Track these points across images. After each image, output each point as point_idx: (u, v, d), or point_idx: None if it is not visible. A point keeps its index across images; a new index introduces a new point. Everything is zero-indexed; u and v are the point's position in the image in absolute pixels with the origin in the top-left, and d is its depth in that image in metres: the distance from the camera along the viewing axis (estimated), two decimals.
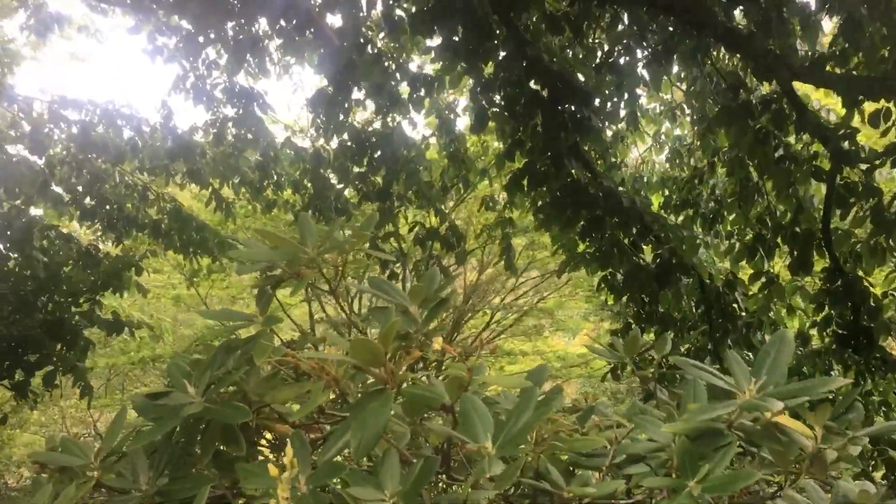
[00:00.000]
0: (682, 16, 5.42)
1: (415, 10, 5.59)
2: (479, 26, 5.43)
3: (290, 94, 29.77)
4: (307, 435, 1.64)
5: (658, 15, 5.68)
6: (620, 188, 6.49)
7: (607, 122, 6.46)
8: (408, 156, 7.12)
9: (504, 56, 5.70)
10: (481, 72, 5.86)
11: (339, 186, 7.85)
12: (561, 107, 5.77)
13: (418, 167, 7.21)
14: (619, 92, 6.16)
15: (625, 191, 6.47)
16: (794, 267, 5.89)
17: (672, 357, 1.79)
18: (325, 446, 1.35)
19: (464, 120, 8.59)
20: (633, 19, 5.80)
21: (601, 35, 6.31)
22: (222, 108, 7.95)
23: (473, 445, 1.33)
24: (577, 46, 6.30)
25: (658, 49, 5.77)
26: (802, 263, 5.82)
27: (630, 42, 5.93)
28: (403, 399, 1.48)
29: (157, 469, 1.44)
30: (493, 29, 5.60)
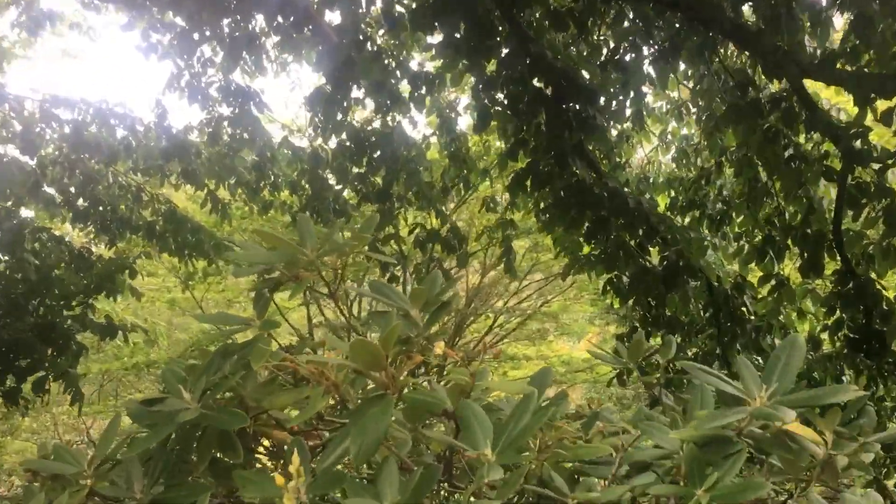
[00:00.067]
0: (689, 12, 5.42)
1: (415, 6, 5.59)
2: (480, 22, 5.42)
3: (288, 93, 29.75)
4: (306, 442, 1.64)
5: (664, 11, 5.68)
6: (625, 189, 6.48)
7: (612, 122, 6.45)
8: (408, 156, 7.12)
9: (507, 53, 5.68)
10: (483, 69, 5.86)
11: (338, 187, 7.84)
12: (565, 105, 5.76)
13: (419, 167, 7.21)
14: (625, 90, 6.15)
15: (630, 192, 6.46)
16: (805, 269, 5.88)
17: (679, 362, 1.78)
18: (324, 453, 1.35)
19: (465, 119, 8.60)
20: (638, 15, 5.79)
21: (606, 32, 6.31)
22: (218, 107, 7.96)
23: (473, 452, 1.33)
24: (582, 43, 6.30)
25: (664, 46, 5.77)
26: (813, 265, 5.81)
27: (636, 39, 5.92)
28: (405, 405, 1.47)
29: (151, 477, 1.44)
30: (496, 25, 5.60)
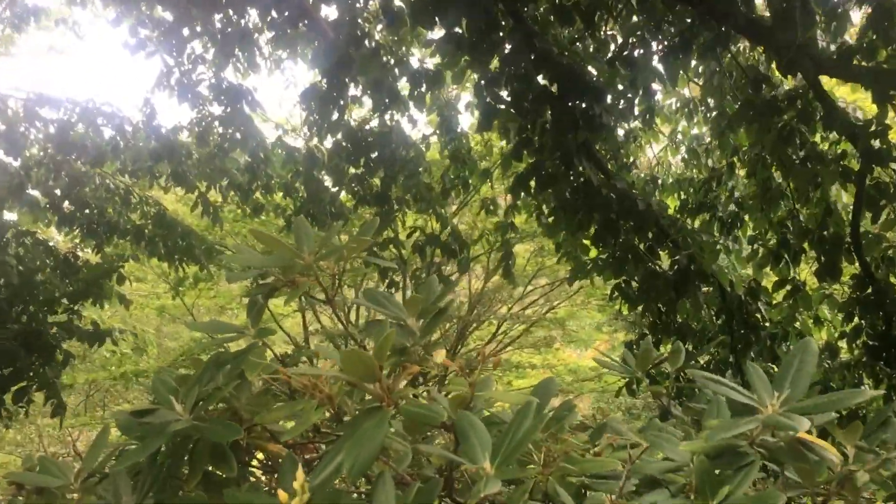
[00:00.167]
0: (702, 6, 5.41)
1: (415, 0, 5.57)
2: (483, 17, 5.41)
3: (282, 91, 29.75)
4: (301, 455, 1.64)
5: (675, 4, 5.67)
6: (633, 191, 6.48)
7: (620, 121, 6.44)
8: (406, 156, 7.11)
9: (511, 49, 5.67)
10: (487, 65, 5.84)
11: (334, 189, 7.83)
12: (571, 103, 5.75)
13: (418, 168, 7.20)
14: (633, 87, 6.15)
15: (638, 193, 6.45)
16: (822, 273, 5.86)
17: (688, 370, 1.78)
18: (317, 469, 1.34)
19: (466, 117, 8.59)
20: (647, 9, 5.78)
21: (614, 26, 6.30)
22: (209, 105, 7.95)
23: (471, 466, 1.33)
24: (589, 39, 6.29)
25: (675, 41, 5.76)
26: (830, 270, 5.80)
27: (645, 34, 5.91)
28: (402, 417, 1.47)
29: (141, 491, 1.44)
30: (499, 20, 5.59)
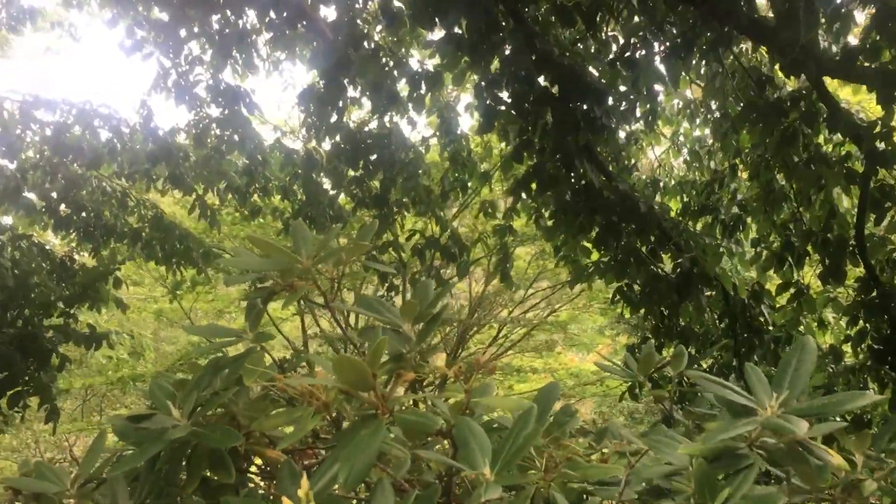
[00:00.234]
0: (704, 5, 5.41)
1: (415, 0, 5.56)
2: (483, 16, 5.41)
3: (280, 93, 29.78)
4: (301, 461, 1.64)
5: (677, 5, 5.67)
6: (635, 193, 6.48)
7: (621, 123, 6.44)
8: (406, 159, 7.10)
9: (511, 50, 5.67)
10: (487, 67, 5.84)
11: (333, 192, 7.83)
12: (573, 104, 5.76)
13: (417, 171, 7.19)
14: (635, 89, 6.15)
15: (639, 196, 6.45)
16: (826, 276, 5.86)
17: (687, 372, 1.78)
18: (313, 478, 1.34)
19: (466, 119, 8.59)
20: (649, 10, 5.78)
21: (616, 27, 6.30)
22: (206, 107, 7.95)
23: (471, 472, 1.33)
24: (590, 39, 6.29)
25: (677, 42, 5.76)
26: (835, 273, 5.79)
27: (647, 34, 5.91)
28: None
29: (138, 497, 1.44)
30: (500, 21, 5.59)
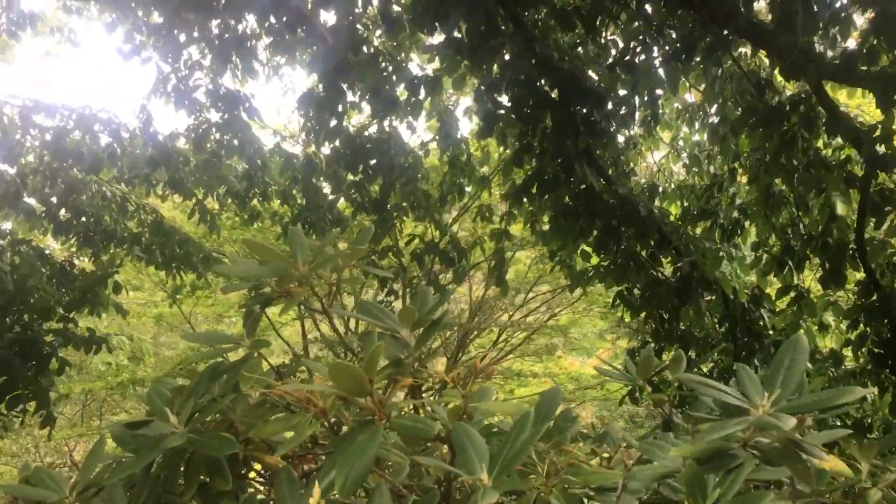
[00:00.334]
0: (703, 9, 5.41)
1: (415, 4, 5.55)
2: (484, 21, 5.41)
3: (280, 98, 29.77)
4: (301, 466, 1.64)
5: (677, 9, 5.67)
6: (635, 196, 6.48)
7: (621, 127, 6.44)
8: (405, 163, 7.10)
9: (511, 54, 5.67)
10: (488, 70, 5.83)
11: (332, 197, 7.83)
12: (572, 108, 5.76)
13: (416, 175, 7.19)
14: (634, 93, 6.15)
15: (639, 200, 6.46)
16: (826, 280, 5.86)
17: (679, 375, 1.78)
18: (309, 485, 1.34)
19: (465, 122, 8.60)
20: (648, 13, 5.78)
21: (615, 31, 6.30)
22: (206, 112, 7.95)
23: (468, 478, 1.33)
24: (590, 43, 6.29)
25: (677, 46, 5.76)
26: (835, 276, 5.79)
27: (646, 38, 5.90)
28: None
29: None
30: (500, 25, 5.59)
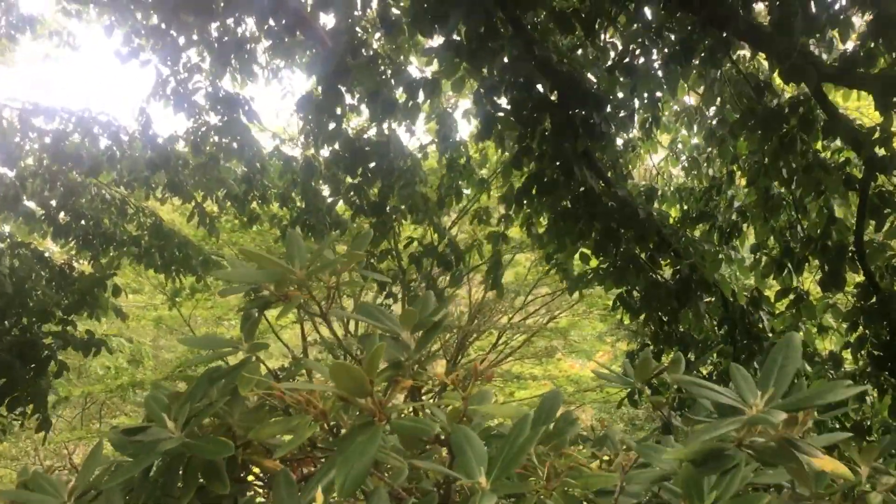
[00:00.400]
0: (703, 11, 5.41)
1: (414, 6, 5.54)
2: (483, 23, 5.41)
3: (279, 101, 29.72)
4: (301, 469, 1.64)
5: (676, 10, 5.67)
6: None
7: (620, 130, 6.44)
8: (404, 166, 7.09)
9: (511, 56, 5.66)
10: (490, 73, 5.83)
11: (331, 200, 7.82)
12: (572, 111, 5.76)
13: (414, 178, 7.17)
14: (634, 95, 6.14)
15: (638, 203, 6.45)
16: (826, 283, 5.85)
17: (673, 376, 1.77)
18: (308, 485, 1.34)
19: (464, 125, 8.59)
20: (644, 18, 5.77)
21: (614, 34, 6.30)
22: (205, 115, 7.95)
23: (467, 481, 1.32)
24: (589, 46, 6.28)
25: (676, 49, 5.76)
26: (834, 279, 5.79)
27: (645, 41, 5.90)
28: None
29: None
30: (499, 27, 5.59)
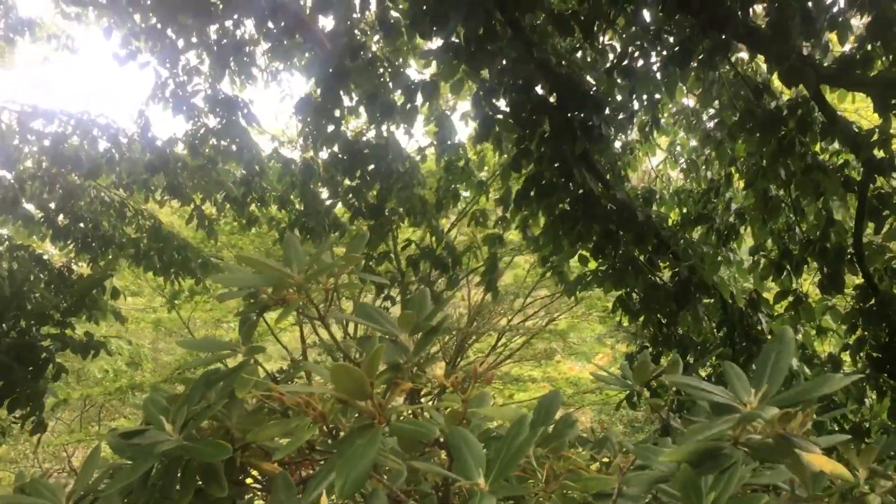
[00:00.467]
0: (702, 13, 5.40)
1: (413, 8, 5.54)
2: (482, 26, 5.40)
3: (278, 103, 29.71)
4: (299, 471, 1.64)
5: (674, 13, 5.67)
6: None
7: (619, 132, 6.44)
8: (402, 169, 7.08)
9: (511, 59, 5.66)
10: (491, 75, 5.83)
11: (329, 202, 7.81)
12: (570, 113, 5.76)
13: (412, 181, 7.17)
14: (632, 98, 6.14)
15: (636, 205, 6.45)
16: (824, 285, 5.85)
17: (667, 376, 1.77)
18: (308, 487, 1.34)
19: (462, 127, 8.59)
20: (643, 21, 5.77)
21: (613, 36, 6.30)
22: (204, 118, 7.95)
23: (465, 483, 1.32)
24: (588, 48, 6.28)
25: (675, 51, 5.75)
26: (833, 281, 5.79)
27: (644, 43, 5.90)
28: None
29: None
30: (498, 29, 5.59)
